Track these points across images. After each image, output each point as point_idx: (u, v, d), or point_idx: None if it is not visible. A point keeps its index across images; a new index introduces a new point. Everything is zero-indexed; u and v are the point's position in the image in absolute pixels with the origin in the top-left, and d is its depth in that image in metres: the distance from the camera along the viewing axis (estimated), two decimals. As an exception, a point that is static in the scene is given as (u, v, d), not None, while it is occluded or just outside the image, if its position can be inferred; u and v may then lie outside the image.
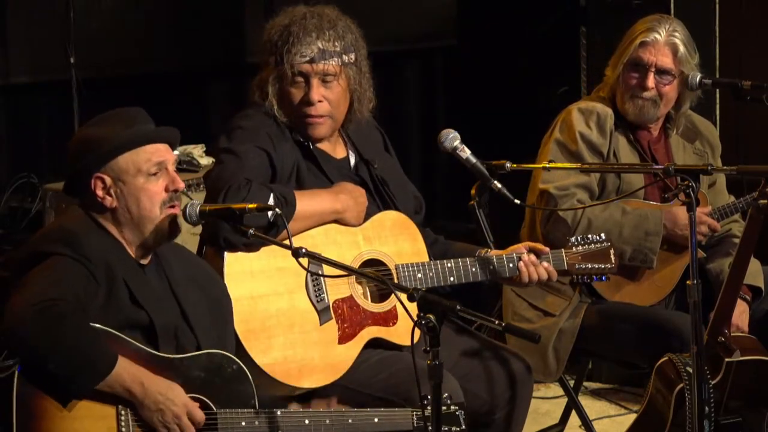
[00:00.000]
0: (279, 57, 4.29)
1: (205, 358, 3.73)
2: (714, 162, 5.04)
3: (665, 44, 4.85)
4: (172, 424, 3.59)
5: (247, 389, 3.77)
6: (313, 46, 4.27)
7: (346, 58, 4.31)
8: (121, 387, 3.54)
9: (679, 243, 4.83)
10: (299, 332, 4.14)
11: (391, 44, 7.46)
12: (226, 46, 7.37)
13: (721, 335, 4.38)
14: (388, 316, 4.30)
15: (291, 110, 4.32)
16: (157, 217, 3.75)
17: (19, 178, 6.60)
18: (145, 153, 3.75)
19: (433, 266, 4.36)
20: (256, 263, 4.12)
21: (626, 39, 4.93)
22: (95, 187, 3.73)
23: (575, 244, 4.51)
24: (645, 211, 4.79)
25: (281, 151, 4.28)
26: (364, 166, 4.47)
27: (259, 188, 4.09)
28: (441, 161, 7.51)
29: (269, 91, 4.31)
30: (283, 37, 4.28)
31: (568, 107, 4.96)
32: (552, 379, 4.93)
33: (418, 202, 4.59)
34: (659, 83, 4.85)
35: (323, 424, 3.84)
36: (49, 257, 3.62)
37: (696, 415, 4.16)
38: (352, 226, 4.31)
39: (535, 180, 4.87)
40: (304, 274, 4.11)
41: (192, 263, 3.97)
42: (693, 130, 5.05)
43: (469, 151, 4.44)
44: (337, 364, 4.17)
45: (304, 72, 4.29)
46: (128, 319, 3.66)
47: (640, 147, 4.92)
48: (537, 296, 4.87)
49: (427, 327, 3.47)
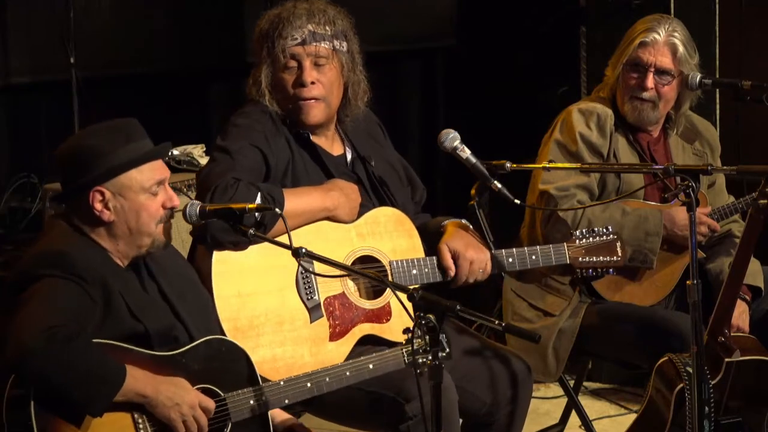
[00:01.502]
0: (270, 44, 4.31)
1: (202, 347, 3.77)
2: (714, 163, 5.03)
3: (664, 44, 4.85)
4: (189, 416, 3.63)
5: (245, 365, 3.81)
6: (303, 28, 4.29)
7: (337, 44, 4.32)
8: (134, 393, 3.57)
9: (678, 243, 4.83)
10: (289, 330, 4.14)
11: (391, 44, 7.45)
12: (226, 46, 7.36)
13: (721, 335, 4.38)
14: (382, 312, 4.30)
15: (285, 96, 4.33)
16: (154, 232, 3.78)
17: (19, 178, 6.59)
18: (149, 171, 3.78)
19: (428, 262, 4.36)
20: (244, 261, 4.13)
21: (626, 39, 4.92)
22: (93, 200, 3.74)
23: (579, 237, 4.50)
24: (645, 211, 4.79)
25: (276, 149, 4.29)
26: (361, 163, 4.47)
27: (247, 188, 4.10)
28: (441, 161, 7.51)
29: (262, 81, 4.32)
30: (273, 24, 4.31)
31: (568, 108, 4.96)
32: (552, 379, 4.93)
33: (419, 192, 4.60)
34: (658, 83, 4.85)
35: (324, 382, 3.89)
36: (41, 280, 3.62)
37: (696, 415, 4.16)
38: (344, 222, 4.31)
39: (535, 180, 4.87)
40: (294, 271, 4.13)
41: (173, 255, 3.99)
42: (692, 131, 5.05)
43: (469, 151, 4.44)
44: (328, 362, 4.16)
45: (295, 54, 4.30)
46: (127, 330, 3.69)
47: (639, 148, 4.92)
48: (537, 296, 4.87)
49: (427, 327, 3.47)
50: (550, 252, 4.51)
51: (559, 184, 4.77)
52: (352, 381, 3.94)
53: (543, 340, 4.75)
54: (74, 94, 6.47)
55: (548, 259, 4.50)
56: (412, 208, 4.53)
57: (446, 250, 4.37)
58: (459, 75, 7.83)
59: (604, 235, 4.52)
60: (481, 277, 4.41)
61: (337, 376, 3.92)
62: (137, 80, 6.91)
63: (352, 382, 3.93)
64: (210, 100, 7.41)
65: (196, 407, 3.65)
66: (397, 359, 4.01)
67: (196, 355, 3.75)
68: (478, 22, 7.68)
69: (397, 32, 7.58)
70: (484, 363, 4.43)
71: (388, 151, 4.61)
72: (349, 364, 3.96)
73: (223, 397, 3.75)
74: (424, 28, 7.86)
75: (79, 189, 3.75)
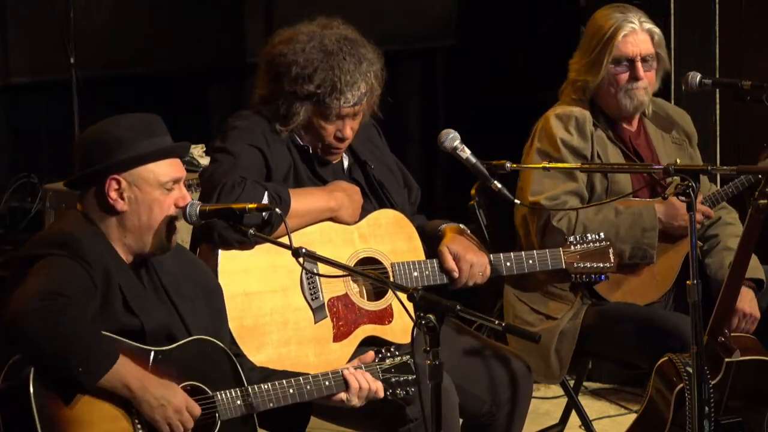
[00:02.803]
0: (321, 99, 4.25)
1: (191, 345, 3.77)
2: (692, 150, 5.04)
3: (643, 31, 4.86)
4: (174, 419, 3.61)
5: (229, 367, 3.81)
6: (357, 91, 4.27)
7: (374, 91, 4.33)
8: (121, 384, 3.56)
9: (674, 234, 4.82)
10: (293, 330, 4.14)
11: (391, 44, 7.43)
12: (226, 46, 7.36)
13: (721, 335, 4.38)
14: (384, 314, 4.31)
15: (317, 138, 4.32)
16: (161, 231, 3.78)
17: (19, 178, 6.59)
18: (166, 166, 3.78)
19: (429, 264, 4.36)
20: (250, 260, 4.13)
21: (596, 36, 4.89)
22: (108, 188, 3.74)
23: (573, 243, 4.52)
24: (638, 208, 4.79)
25: (276, 152, 4.28)
26: (359, 168, 4.47)
27: (254, 186, 4.10)
28: (441, 161, 7.51)
29: (298, 118, 4.27)
30: (328, 82, 4.23)
31: (545, 114, 4.91)
32: (555, 381, 4.93)
33: (414, 193, 4.60)
34: (646, 71, 4.86)
35: (305, 390, 3.87)
36: (48, 257, 3.63)
37: (696, 415, 4.16)
38: (347, 224, 4.31)
39: (524, 193, 4.82)
40: (298, 271, 4.13)
41: (182, 256, 3.98)
42: (668, 120, 5.04)
43: (469, 151, 4.44)
44: (332, 362, 4.18)
45: (343, 114, 4.29)
46: (120, 325, 3.69)
47: (621, 143, 4.91)
48: (539, 302, 4.86)
49: (427, 327, 3.47)
50: (546, 256, 4.52)
51: (550, 194, 4.74)
52: (332, 391, 3.91)
53: (545, 342, 4.74)
54: (74, 94, 6.46)
55: (545, 263, 4.52)
56: (409, 209, 4.54)
57: (447, 252, 4.37)
58: (459, 75, 7.83)
59: (597, 241, 4.54)
60: (481, 280, 4.42)
61: (317, 384, 3.90)
62: (137, 80, 6.91)
63: (331, 392, 3.91)
64: (210, 100, 7.41)
65: (182, 411, 3.63)
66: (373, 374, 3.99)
67: (186, 351, 3.75)
68: (478, 22, 7.68)
69: (397, 32, 7.58)
70: (484, 363, 4.44)
71: (385, 154, 4.61)
72: (331, 375, 3.94)
73: (211, 395, 3.74)
74: (424, 28, 7.86)
75: (96, 175, 3.74)
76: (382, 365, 3.98)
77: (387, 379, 3.97)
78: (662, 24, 5.92)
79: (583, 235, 4.53)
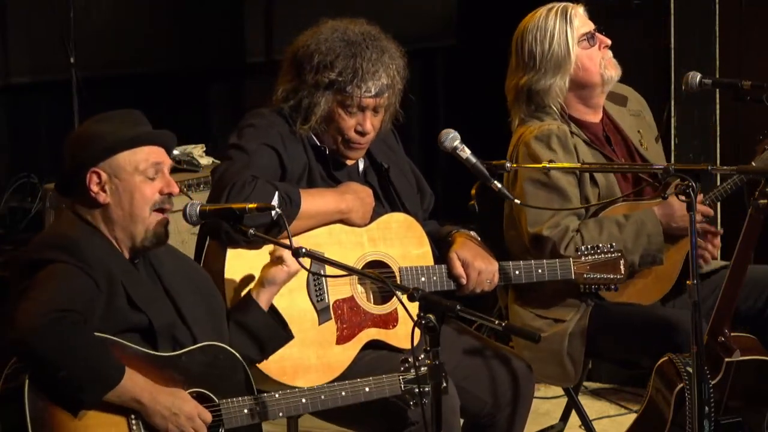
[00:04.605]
0: (342, 88, 4.24)
1: (199, 352, 3.77)
2: (649, 118, 5.01)
3: (582, 10, 4.87)
4: (187, 427, 3.62)
5: (243, 375, 3.82)
6: (379, 81, 4.26)
7: (396, 89, 4.32)
8: (129, 397, 3.57)
9: (675, 234, 4.81)
10: (297, 331, 4.14)
11: (391, 44, 7.45)
12: (226, 46, 7.36)
13: (721, 335, 4.38)
14: (389, 318, 4.30)
15: (337, 131, 4.30)
16: (147, 218, 3.76)
17: (19, 178, 6.59)
18: (144, 153, 3.77)
19: (437, 270, 4.36)
20: (257, 260, 4.12)
21: (546, 38, 4.89)
22: (90, 182, 3.74)
23: (585, 253, 4.49)
24: (639, 215, 4.74)
25: (292, 152, 4.27)
26: (374, 171, 4.46)
27: (264, 186, 4.09)
28: (441, 161, 7.50)
29: (319, 110, 4.26)
30: (349, 70, 4.24)
31: (522, 139, 4.78)
32: (572, 383, 4.89)
33: (427, 199, 4.60)
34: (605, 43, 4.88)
35: (319, 399, 3.89)
36: (51, 264, 3.63)
37: (696, 415, 4.16)
38: (357, 226, 4.30)
39: (520, 223, 4.74)
40: (305, 273, 4.12)
41: (180, 257, 3.99)
42: (618, 96, 5.00)
43: (469, 151, 4.44)
44: (334, 365, 4.17)
45: (363, 105, 4.28)
46: (127, 322, 3.69)
47: (598, 143, 4.86)
48: (543, 307, 4.82)
49: (427, 327, 3.47)
50: (556, 266, 4.49)
51: (550, 223, 4.68)
52: (348, 402, 3.92)
53: (556, 346, 4.71)
54: (74, 94, 6.46)
55: (554, 273, 4.49)
56: (420, 215, 4.53)
57: (456, 258, 4.36)
58: (459, 75, 7.83)
59: (608, 252, 4.51)
60: (488, 288, 4.41)
61: (333, 395, 3.92)
62: (137, 80, 6.91)
63: (347, 403, 3.92)
64: (210, 100, 7.41)
65: (195, 418, 3.64)
66: (393, 385, 4.01)
67: (195, 358, 3.74)
68: (478, 22, 7.68)
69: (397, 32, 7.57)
70: (485, 363, 4.43)
71: (401, 157, 4.61)
72: (347, 385, 3.95)
73: (217, 404, 3.73)
74: (424, 28, 7.86)
75: (76, 170, 3.75)
76: (406, 376, 3.99)
77: (409, 390, 3.98)
78: (662, 24, 5.94)
79: (594, 245, 4.50)
